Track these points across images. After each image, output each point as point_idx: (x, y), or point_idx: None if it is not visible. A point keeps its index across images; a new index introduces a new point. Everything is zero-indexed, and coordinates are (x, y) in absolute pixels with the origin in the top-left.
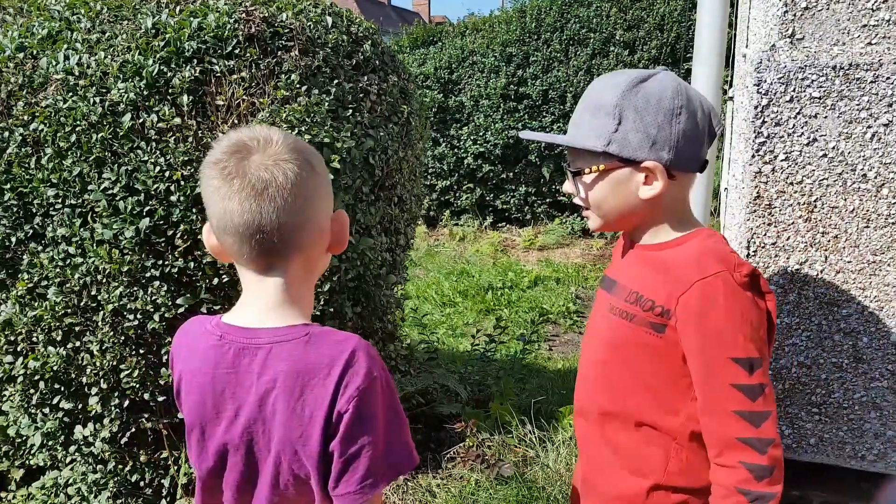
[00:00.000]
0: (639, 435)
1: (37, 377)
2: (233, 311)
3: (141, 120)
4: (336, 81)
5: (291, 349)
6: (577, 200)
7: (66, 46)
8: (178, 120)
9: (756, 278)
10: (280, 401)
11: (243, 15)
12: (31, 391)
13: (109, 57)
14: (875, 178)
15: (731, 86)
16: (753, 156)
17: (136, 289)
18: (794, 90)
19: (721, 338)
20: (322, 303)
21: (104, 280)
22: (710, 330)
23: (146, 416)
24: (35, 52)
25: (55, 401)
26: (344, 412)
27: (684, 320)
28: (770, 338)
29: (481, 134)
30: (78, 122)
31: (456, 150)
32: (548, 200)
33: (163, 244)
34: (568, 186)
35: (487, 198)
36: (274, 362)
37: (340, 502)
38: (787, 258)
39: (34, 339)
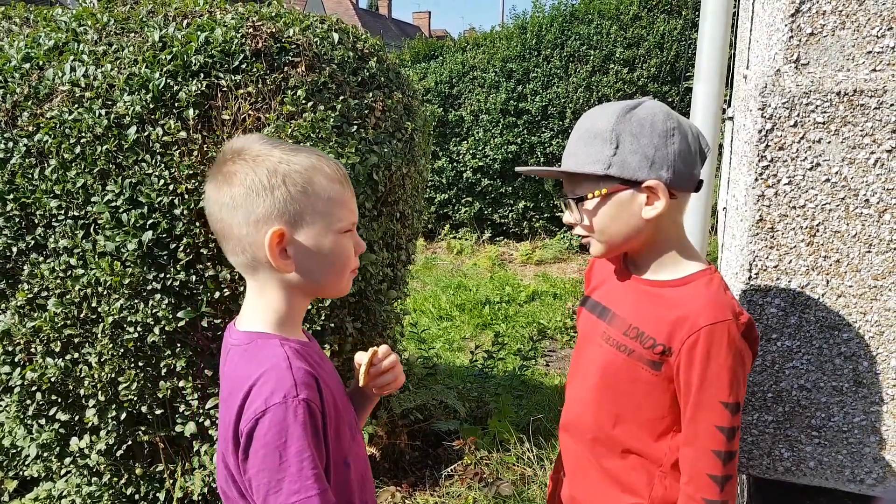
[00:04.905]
0: (625, 462)
1: (34, 388)
2: None
3: (146, 133)
4: (342, 97)
5: (235, 355)
6: (579, 230)
7: (72, 58)
8: (183, 133)
9: (752, 326)
10: (223, 403)
11: (250, 30)
12: (28, 402)
13: (116, 69)
14: (877, 203)
15: (729, 105)
16: (756, 179)
17: (136, 301)
18: (798, 115)
19: (718, 382)
20: (323, 318)
21: (105, 292)
22: (710, 374)
23: (143, 428)
24: (41, 62)
25: (52, 412)
26: (243, 432)
27: (687, 362)
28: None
29: (480, 148)
30: (83, 134)
31: (455, 163)
32: (546, 215)
33: (165, 257)
34: (569, 217)
35: (486, 212)
36: (228, 365)
37: None
38: (789, 282)
39: (32, 350)
